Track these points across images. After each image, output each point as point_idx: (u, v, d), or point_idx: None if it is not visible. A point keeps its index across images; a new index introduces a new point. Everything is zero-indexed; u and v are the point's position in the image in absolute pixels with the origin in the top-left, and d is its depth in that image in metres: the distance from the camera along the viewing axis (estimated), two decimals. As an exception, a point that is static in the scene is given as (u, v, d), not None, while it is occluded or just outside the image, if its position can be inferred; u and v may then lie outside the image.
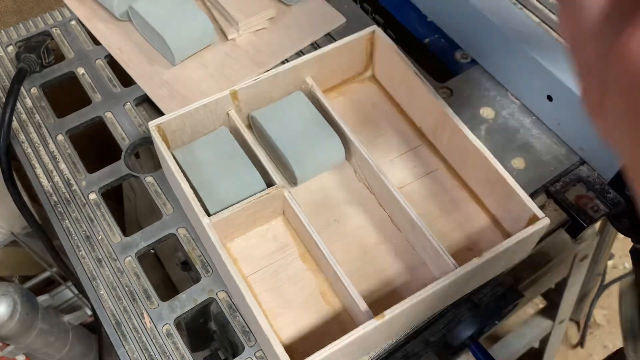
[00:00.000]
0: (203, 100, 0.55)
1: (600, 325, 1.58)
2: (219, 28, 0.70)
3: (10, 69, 0.67)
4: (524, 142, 0.62)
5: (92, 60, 0.68)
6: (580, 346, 1.54)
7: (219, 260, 0.49)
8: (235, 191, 0.53)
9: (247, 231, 0.55)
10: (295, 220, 0.53)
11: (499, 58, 0.64)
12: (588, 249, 1.09)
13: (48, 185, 0.59)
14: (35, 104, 0.65)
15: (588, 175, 0.59)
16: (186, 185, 0.51)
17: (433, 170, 0.59)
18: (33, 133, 0.63)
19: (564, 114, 0.60)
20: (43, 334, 0.72)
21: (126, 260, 0.55)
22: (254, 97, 0.58)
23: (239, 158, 0.55)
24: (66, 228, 0.57)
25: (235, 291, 0.49)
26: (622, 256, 1.66)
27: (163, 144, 0.53)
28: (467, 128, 0.54)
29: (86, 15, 0.70)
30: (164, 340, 0.51)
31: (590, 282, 1.36)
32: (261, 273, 0.53)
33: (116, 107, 0.65)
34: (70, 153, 0.61)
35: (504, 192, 0.52)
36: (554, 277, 1.10)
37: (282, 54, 0.68)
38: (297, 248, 0.55)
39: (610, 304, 1.60)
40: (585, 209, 0.57)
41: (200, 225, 0.51)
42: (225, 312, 0.53)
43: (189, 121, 0.56)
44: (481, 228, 0.55)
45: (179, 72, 0.66)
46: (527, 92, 0.63)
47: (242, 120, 0.58)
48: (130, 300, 0.53)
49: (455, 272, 0.47)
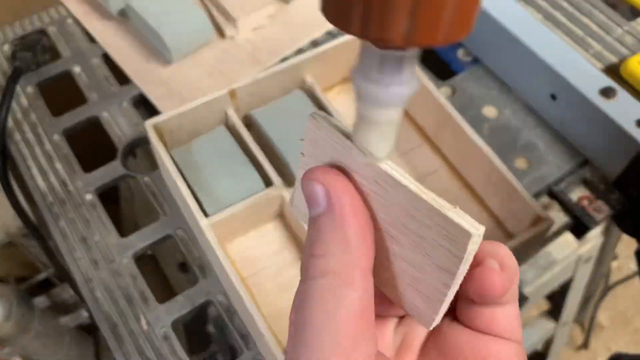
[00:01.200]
0: (201, 99, 0.54)
1: (604, 326, 1.57)
2: (216, 26, 0.69)
3: (5, 67, 0.67)
4: (527, 141, 0.61)
5: (89, 59, 0.67)
6: (584, 348, 1.53)
7: (217, 262, 0.48)
8: (234, 191, 0.52)
9: (246, 233, 0.54)
10: (294, 221, 0.52)
11: (502, 56, 0.64)
12: (592, 250, 1.08)
13: (43, 185, 0.59)
14: (31, 103, 0.64)
15: (592, 175, 0.59)
16: (183, 185, 0.50)
17: (435, 170, 0.58)
18: (28, 132, 0.62)
19: (568, 113, 0.59)
20: (39, 336, 0.71)
21: (123, 262, 0.54)
22: (253, 95, 0.57)
23: (237, 158, 0.54)
24: (62, 229, 0.56)
25: (234, 293, 0.48)
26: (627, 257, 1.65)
27: (160, 144, 0.52)
28: (469, 127, 0.54)
29: (82, 13, 0.70)
30: (161, 343, 0.50)
31: (594, 284, 1.36)
32: (260, 275, 0.52)
33: (113, 106, 0.64)
34: (66, 153, 0.61)
35: (507, 192, 0.52)
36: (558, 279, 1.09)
37: (281, 52, 0.67)
38: (296, 250, 0.54)
39: (614, 305, 1.59)
40: (589, 209, 0.56)
41: (197, 227, 0.50)
42: (223, 315, 0.52)
43: (186, 120, 0.55)
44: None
45: (176, 70, 0.65)
46: (530, 91, 0.62)
47: (241, 119, 0.57)
48: (127, 303, 0.52)
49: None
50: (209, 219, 0.49)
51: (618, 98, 0.55)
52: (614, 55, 0.64)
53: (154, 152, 0.55)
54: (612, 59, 0.64)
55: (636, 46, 0.65)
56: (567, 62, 0.58)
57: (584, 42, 0.66)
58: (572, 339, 1.55)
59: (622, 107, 0.55)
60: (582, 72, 0.57)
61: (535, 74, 0.60)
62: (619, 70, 0.62)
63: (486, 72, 0.66)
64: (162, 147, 0.52)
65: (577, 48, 0.65)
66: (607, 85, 0.56)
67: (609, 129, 0.55)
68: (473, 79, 0.66)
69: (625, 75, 0.61)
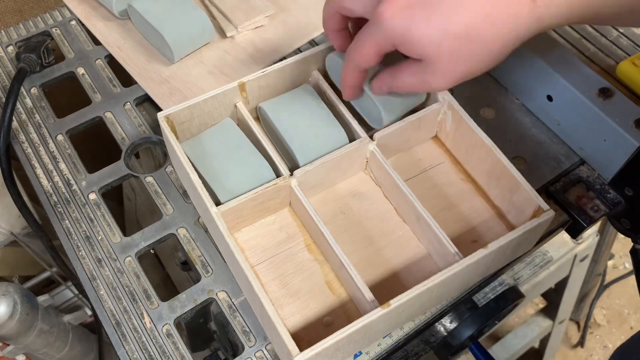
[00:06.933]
0: (211, 92, 0.55)
1: (600, 325, 1.58)
2: (217, 26, 0.70)
3: (10, 69, 0.67)
4: (524, 142, 0.62)
5: (92, 60, 0.68)
6: (580, 346, 1.54)
7: (227, 249, 0.49)
8: (245, 180, 0.53)
9: (254, 222, 0.55)
10: (302, 211, 0.53)
11: (499, 58, 0.64)
12: (588, 249, 1.10)
13: (48, 185, 0.59)
14: (35, 104, 0.65)
15: (588, 175, 0.59)
16: (195, 175, 0.51)
17: (438, 163, 0.59)
18: (33, 133, 0.63)
19: (564, 114, 0.60)
20: (43, 334, 0.72)
21: (126, 260, 0.55)
22: (262, 89, 0.58)
23: (246, 148, 0.55)
24: (66, 228, 0.57)
25: (243, 280, 0.49)
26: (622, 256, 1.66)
27: (172, 135, 0.53)
28: (472, 120, 0.54)
29: (85, 14, 0.70)
30: (164, 340, 0.51)
31: (590, 282, 1.37)
32: (268, 263, 0.53)
33: (116, 107, 0.65)
34: (70, 153, 0.61)
35: (509, 185, 0.53)
36: (554, 277, 1.10)
37: (280, 52, 0.68)
38: (303, 238, 0.55)
39: (610, 304, 1.60)
40: (586, 209, 0.57)
41: (208, 215, 0.51)
42: (225, 312, 0.53)
43: (197, 112, 0.56)
44: (486, 221, 0.56)
45: (178, 70, 0.66)
46: (527, 92, 0.63)
47: (250, 112, 0.58)
48: (130, 301, 0.53)
49: (460, 263, 0.47)
50: (219, 207, 0.50)
51: (614, 99, 0.56)
52: (610, 57, 0.65)
53: (166, 143, 0.56)
54: (607, 61, 0.65)
55: (631, 48, 0.66)
56: (563, 63, 0.59)
57: (579, 44, 0.67)
58: (568, 337, 1.56)
59: (618, 108, 0.55)
60: (578, 73, 0.58)
61: (532, 76, 0.61)
62: (614, 72, 0.63)
63: (484, 74, 0.67)
64: (174, 137, 0.53)
65: (573, 50, 0.66)
66: (603, 86, 0.57)
67: (604, 130, 0.56)
68: (471, 80, 0.66)
69: (621, 77, 0.62)
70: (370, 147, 0.55)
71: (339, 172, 0.57)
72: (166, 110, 0.54)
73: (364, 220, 0.56)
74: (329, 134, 0.56)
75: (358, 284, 0.48)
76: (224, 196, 0.52)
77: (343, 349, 0.47)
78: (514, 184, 0.52)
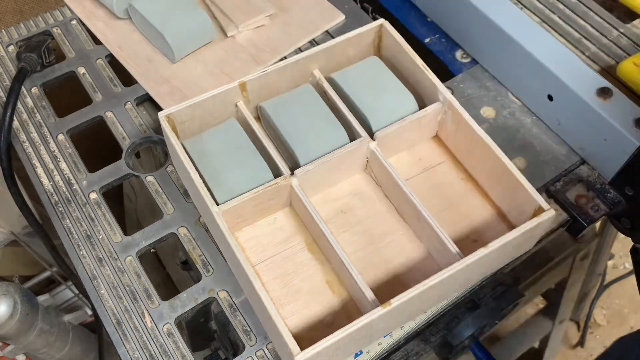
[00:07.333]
0: (212, 92, 0.55)
1: (600, 325, 1.58)
2: (218, 25, 0.70)
3: (11, 68, 0.68)
4: (525, 141, 0.62)
5: (93, 60, 0.68)
6: (580, 346, 1.54)
7: (228, 248, 0.49)
8: (243, 181, 0.53)
9: (255, 221, 0.55)
10: (303, 210, 0.53)
11: (499, 58, 0.65)
12: (588, 248, 1.09)
13: (49, 184, 0.59)
14: (36, 104, 0.65)
15: (588, 174, 0.60)
16: (195, 174, 0.51)
17: (439, 163, 0.59)
18: (34, 132, 0.63)
19: (565, 113, 0.60)
20: (43, 334, 0.72)
21: (127, 260, 0.55)
22: (263, 88, 0.58)
23: (247, 149, 0.55)
24: (67, 227, 0.57)
25: (244, 280, 0.49)
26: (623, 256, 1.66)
27: (173, 134, 0.53)
28: (473, 120, 0.55)
29: (86, 14, 0.71)
30: (164, 339, 0.51)
31: (590, 282, 1.36)
32: (268, 262, 0.53)
33: (117, 106, 0.65)
34: (71, 152, 0.62)
35: (510, 185, 0.53)
36: (554, 277, 1.11)
37: (281, 51, 0.68)
38: (304, 238, 0.55)
39: (610, 303, 1.60)
40: (586, 208, 0.57)
41: (209, 214, 0.51)
42: (226, 312, 0.53)
43: (198, 112, 0.56)
44: (486, 220, 0.56)
45: (178, 70, 0.66)
46: (527, 92, 0.63)
47: (251, 111, 0.58)
48: (131, 300, 0.53)
49: (461, 263, 0.47)
50: (220, 206, 0.50)
51: (614, 99, 0.56)
52: (610, 57, 0.65)
53: (167, 143, 0.56)
54: (608, 61, 0.65)
55: (631, 48, 0.66)
56: (563, 63, 0.59)
57: (580, 43, 0.67)
58: (568, 337, 1.55)
59: (618, 108, 0.56)
60: (578, 73, 0.58)
61: (532, 76, 0.61)
62: (614, 72, 0.63)
63: (484, 74, 0.67)
64: (175, 137, 0.53)
65: (573, 50, 0.66)
66: (603, 86, 0.57)
67: (605, 130, 0.56)
68: (471, 80, 0.66)
69: (621, 76, 0.62)
70: (371, 146, 0.55)
71: (339, 171, 0.57)
72: (167, 110, 0.54)
73: (364, 220, 0.56)
74: (329, 134, 0.56)
75: (359, 283, 0.48)
76: (221, 196, 0.52)
77: (344, 348, 0.47)
78: (514, 183, 0.52)
